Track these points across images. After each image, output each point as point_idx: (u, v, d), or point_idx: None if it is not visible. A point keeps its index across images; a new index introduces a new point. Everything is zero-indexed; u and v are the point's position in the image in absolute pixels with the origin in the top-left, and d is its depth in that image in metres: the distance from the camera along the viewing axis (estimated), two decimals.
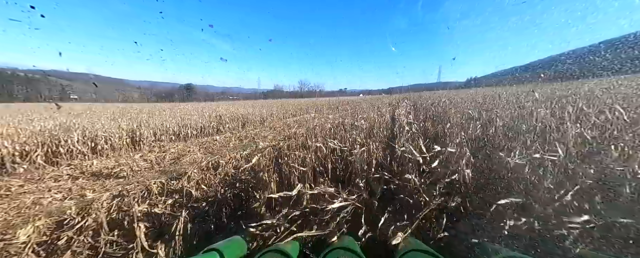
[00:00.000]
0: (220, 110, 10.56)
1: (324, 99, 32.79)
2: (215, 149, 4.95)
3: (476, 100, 5.05)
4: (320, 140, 3.11)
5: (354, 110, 10.07)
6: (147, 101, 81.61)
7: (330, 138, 3.21)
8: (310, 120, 8.67)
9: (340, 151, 2.65)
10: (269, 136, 6.61)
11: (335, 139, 3.20)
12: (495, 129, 2.29)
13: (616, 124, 1.87)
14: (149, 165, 3.69)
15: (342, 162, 2.48)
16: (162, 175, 3.22)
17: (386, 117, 4.88)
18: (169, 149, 4.54)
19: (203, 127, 7.00)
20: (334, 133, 3.43)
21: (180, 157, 4.22)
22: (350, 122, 4.23)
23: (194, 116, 8.21)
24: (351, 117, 5.25)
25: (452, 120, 2.99)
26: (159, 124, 6.07)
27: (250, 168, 3.24)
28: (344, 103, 24.10)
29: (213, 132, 7.24)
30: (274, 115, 11.13)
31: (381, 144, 3.09)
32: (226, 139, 6.06)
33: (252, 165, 2.54)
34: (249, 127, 8.56)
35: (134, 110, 11.34)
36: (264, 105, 16.04)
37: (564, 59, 54.93)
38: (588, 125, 1.90)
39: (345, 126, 4.29)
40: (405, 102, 8.23)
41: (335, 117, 9.53)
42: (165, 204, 1.95)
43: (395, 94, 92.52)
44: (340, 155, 2.64)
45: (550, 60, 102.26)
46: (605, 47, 28.41)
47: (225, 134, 6.93)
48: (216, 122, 7.87)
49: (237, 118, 8.80)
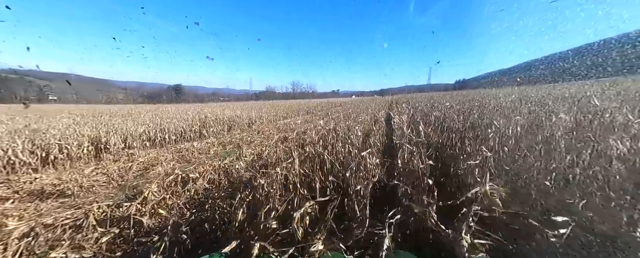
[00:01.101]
0: (206, 113, 9.95)
1: (317, 100, 32.40)
2: (193, 157, 4.42)
3: (483, 104, 4.73)
4: (309, 150, 2.68)
5: (347, 113, 9.71)
6: (133, 102, 78.61)
7: (320, 146, 2.78)
8: (300, 124, 8.23)
9: (330, 164, 2.23)
10: (255, 141, 6.12)
11: (326, 149, 2.78)
12: (516, 140, 1.93)
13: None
14: (107, 179, 3.13)
15: (334, 180, 2.05)
16: (118, 193, 2.70)
17: (382, 123, 4.50)
18: (137, 158, 3.98)
19: (183, 131, 6.42)
20: (325, 142, 3.00)
21: (149, 168, 3.68)
22: (343, 128, 3.83)
23: (176, 119, 7.60)
24: (343, 121, 4.86)
25: (468, 130, 2.63)
26: (133, 128, 5.46)
27: (227, 183, 2.78)
28: (337, 105, 23.79)
29: (195, 137, 6.67)
30: (264, 118, 10.61)
31: (378, 155, 2.69)
32: (208, 145, 5.52)
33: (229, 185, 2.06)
34: (236, 131, 8.02)
35: (111, 112, 10.53)
36: (255, 107, 15.47)
37: (537, 65, 56.68)
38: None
39: (337, 131, 3.88)
40: (404, 106, 7.62)
41: (327, 121, 9.12)
42: (98, 243, 1.46)
43: (387, 95, 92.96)
44: (331, 169, 2.22)
45: (526, 65, 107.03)
46: (573, 54, 30.05)
47: (208, 139, 6.37)
48: (199, 125, 7.29)
49: (223, 121, 8.23)
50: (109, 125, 5.59)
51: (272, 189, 1.72)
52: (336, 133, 3.37)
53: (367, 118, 5.59)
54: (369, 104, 15.27)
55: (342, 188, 1.94)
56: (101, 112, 11.47)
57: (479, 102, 5.54)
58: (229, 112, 9.58)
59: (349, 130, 3.32)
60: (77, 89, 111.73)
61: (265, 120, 10.53)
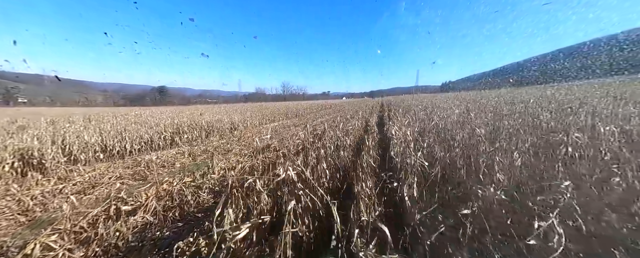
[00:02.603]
0: (184, 117, 9.07)
1: (307, 102, 31.78)
2: (152, 172, 3.67)
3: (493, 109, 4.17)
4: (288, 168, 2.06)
5: (335, 116, 9.14)
6: (114, 105, 74.76)
7: (302, 163, 2.16)
8: (287, 128, 7.58)
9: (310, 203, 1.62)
10: (234, 149, 5.41)
11: (309, 166, 2.17)
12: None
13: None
14: (18, 208, 2.36)
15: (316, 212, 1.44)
16: (25, 231, 1.95)
17: (374, 131, 3.94)
18: (74, 178, 3.19)
19: (150, 139, 5.60)
20: (307, 155, 2.39)
21: (88, 190, 2.91)
22: (332, 137, 3.23)
23: (147, 124, 6.73)
24: (331, 127, 4.26)
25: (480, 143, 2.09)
26: (88, 137, 4.61)
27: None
28: (327, 106, 23.26)
29: (165, 145, 5.86)
30: (248, 121, 9.84)
31: (373, 176, 2.11)
32: (175, 156, 4.76)
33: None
34: (214, 138, 7.25)
35: (77, 116, 9.40)
36: (239, 109, 14.63)
37: (529, 66, 60.04)
38: None
39: (324, 139, 3.27)
40: (401, 113, 6.12)
41: (316, 124, 8.52)
42: None
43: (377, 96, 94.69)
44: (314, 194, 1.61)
45: (517, 66, 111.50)
46: (564, 57, 31.76)
47: (180, 148, 5.59)
48: (172, 132, 6.48)
49: (200, 126, 7.43)
50: (57, 134, 4.70)
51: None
52: (322, 144, 2.76)
53: (358, 123, 5.03)
54: (360, 106, 14.86)
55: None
56: (69, 115, 10.29)
57: (495, 107, 4.86)
58: (208, 116, 8.76)
59: (337, 149, 2.71)
60: (52, 91, 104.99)
61: (250, 125, 9.78)
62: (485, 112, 3.92)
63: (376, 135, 3.67)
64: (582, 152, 1.77)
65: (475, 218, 1.17)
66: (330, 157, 2.37)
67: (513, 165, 1.64)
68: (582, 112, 3.09)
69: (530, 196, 1.33)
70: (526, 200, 1.27)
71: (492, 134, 2.36)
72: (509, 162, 1.67)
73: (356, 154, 2.86)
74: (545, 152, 1.90)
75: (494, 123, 2.88)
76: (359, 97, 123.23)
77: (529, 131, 2.39)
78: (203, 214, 2.26)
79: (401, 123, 3.23)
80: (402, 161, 1.97)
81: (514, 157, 1.71)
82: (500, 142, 2.01)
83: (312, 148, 2.72)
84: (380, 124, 5.71)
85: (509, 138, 2.16)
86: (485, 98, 8.27)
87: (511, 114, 3.52)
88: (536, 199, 1.23)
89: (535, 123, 2.81)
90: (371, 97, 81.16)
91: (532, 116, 3.23)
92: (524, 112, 3.68)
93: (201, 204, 2.45)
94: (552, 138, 2.09)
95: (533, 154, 1.85)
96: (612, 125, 2.09)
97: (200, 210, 2.34)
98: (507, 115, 3.45)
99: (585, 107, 3.66)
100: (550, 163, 1.62)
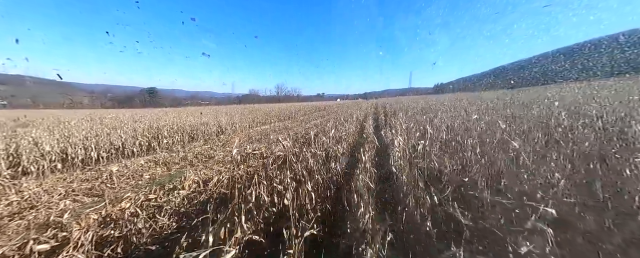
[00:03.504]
0: (168, 119, 8.47)
1: (301, 104, 31.31)
2: (113, 186, 3.14)
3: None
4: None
5: (328, 119, 8.72)
6: (101, 106, 72.17)
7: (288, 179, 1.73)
8: (278, 131, 7.12)
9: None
10: (217, 156, 4.90)
11: (292, 183, 1.73)
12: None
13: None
14: None
15: None
16: None
17: (371, 138, 3.53)
18: (10, 195, 2.64)
19: (122, 145, 5.02)
20: (291, 168, 1.95)
21: (24, 211, 2.37)
22: (323, 143, 2.79)
23: (123, 128, 6.13)
24: (323, 131, 3.83)
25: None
26: (47, 144, 4.02)
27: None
28: (321, 108, 22.83)
29: (140, 152, 5.29)
30: (237, 124, 9.30)
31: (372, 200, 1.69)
32: (147, 165, 4.22)
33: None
34: (198, 142, 6.70)
35: (50, 119, 8.64)
36: (229, 111, 14.03)
37: (530, 67, 60.26)
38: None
39: (315, 145, 2.84)
40: (402, 120, 4.59)
41: (309, 127, 8.09)
42: None
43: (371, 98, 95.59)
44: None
45: (518, 67, 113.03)
46: (565, 59, 32.32)
47: (156, 155, 5.05)
48: (150, 136, 5.91)
49: (183, 130, 6.87)
50: (10, 140, 4.09)
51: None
52: (312, 154, 2.32)
53: (352, 127, 4.62)
54: (354, 110, 14.52)
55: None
56: (41, 117, 9.49)
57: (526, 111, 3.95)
58: (192, 119, 8.19)
59: (328, 160, 2.28)
60: (34, 92, 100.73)
61: (239, 128, 9.24)
62: (516, 118, 3.22)
63: (373, 143, 3.26)
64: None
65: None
66: (319, 173, 1.94)
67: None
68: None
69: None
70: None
71: (538, 151, 1.81)
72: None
73: (351, 165, 2.45)
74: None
75: (534, 132, 2.28)
76: (353, 98, 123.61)
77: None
78: (157, 247, 1.78)
79: (401, 129, 2.82)
80: (409, 183, 1.55)
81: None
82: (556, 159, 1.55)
83: (299, 159, 2.27)
84: (376, 128, 5.31)
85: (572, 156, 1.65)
86: (488, 100, 7.96)
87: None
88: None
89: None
90: (365, 99, 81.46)
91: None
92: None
93: (158, 232, 1.97)
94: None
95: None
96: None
97: (155, 240, 1.86)
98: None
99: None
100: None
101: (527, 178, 1.36)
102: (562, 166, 1.49)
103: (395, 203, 1.93)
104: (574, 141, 1.98)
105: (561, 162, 1.57)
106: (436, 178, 1.56)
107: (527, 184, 1.28)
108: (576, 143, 1.86)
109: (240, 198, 1.67)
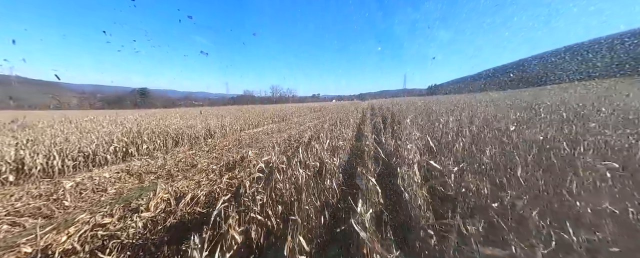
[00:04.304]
0: (151, 122, 7.92)
1: (296, 104, 30.84)
2: (66, 205, 2.64)
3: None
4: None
5: (324, 121, 8.31)
6: (90, 107, 70.06)
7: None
8: (270, 134, 6.67)
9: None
10: (200, 164, 4.43)
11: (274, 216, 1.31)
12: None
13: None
14: None
15: None
16: None
17: (371, 148, 3.13)
18: None
19: (94, 152, 4.49)
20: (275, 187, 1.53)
21: None
22: (316, 153, 2.38)
23: (96, 132, 5.58)
24: (317, 135, 3.42)
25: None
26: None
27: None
28: (316, 109, 22.41)
29: (115, 160, 4.76)
30: (227, 127, 8.79)
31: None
32: (119, 175, 3.72)
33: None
34: (183, 147, 6.19)
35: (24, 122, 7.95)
36: (222, 113, 13.48)
37: (532, 65, 60.51)
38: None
39: (308, 153, 2.42)
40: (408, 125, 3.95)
41: (303, 130, 7.67)
42: None
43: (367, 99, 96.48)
44: None
45: (519, 65, 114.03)
46: (570, 57, 32.58)
47: (130, 163, 4.54)
48: (128, 141, 5.38)
49: (167, 133, 6.35)
50: None
51: None
52: (305, 165, 1.90)
53: (350, 132, 4.22)
54: (351, 112, 14.16)
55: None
56: (11, 119, 8.76)
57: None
58: (176, 121, 7.66)
59: (322, 177, 1.87)
60: (19, 93, 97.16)
61: (229, 131, 8.73)
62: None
63: (374, 155, 2.85)
64: None
65: None
66: (312, 195, 1.52)
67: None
68: None
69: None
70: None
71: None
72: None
73: (347, 182, 2.04)
74: None
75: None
76: (349, 99, 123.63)
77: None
78: None
79: (410, 140, 2.43)
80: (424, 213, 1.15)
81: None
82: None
83: (288, 176, 1.85)
84: (377, 135, 4.91)
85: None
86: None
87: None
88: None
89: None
90: (361, 100, 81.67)
91: None
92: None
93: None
94: None
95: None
96: None
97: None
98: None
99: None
100: None
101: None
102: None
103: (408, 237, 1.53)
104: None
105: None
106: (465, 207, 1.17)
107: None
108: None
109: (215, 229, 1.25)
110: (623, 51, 55.51)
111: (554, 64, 73.48)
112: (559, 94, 9.22)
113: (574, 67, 57.00)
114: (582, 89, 13.75)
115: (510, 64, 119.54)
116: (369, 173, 1.82)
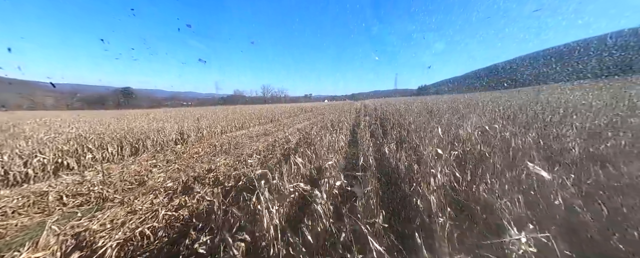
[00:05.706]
0: (111, 123, 6.75)
1: (287, 105, 29.81)
2: None
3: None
4: None
5: (315, 123, 7.39)
6: (67, 108, 66.00)
7: None
8: (254, 138, 5.67)
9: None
10: (151, 181, 3.41)
11: None
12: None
13: None
14: None
15: None
16: None
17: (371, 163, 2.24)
18: None
19: (27, 163, 3.38)
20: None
21: None
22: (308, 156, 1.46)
23: (34, 136, 4.43)
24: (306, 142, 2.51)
25: None
26: None
27: None
28: (307, 110, 21.48)
29: (42, 176, 3.65)
30: (205, 130, 7.71)
31: None
32: (22, 201, 2.66)
33: None
34: (142, 156, 5.11)
35: None
36: (205, 114, 12.32)
37: (522, 70, 64.07)
38: None
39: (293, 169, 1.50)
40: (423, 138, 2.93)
41: (290, 133, 6.71)
42: None
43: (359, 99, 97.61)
44: None
45: (493, 69, 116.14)
46: (555, 61, 33.81)
47: (58, 180, 3.47)
48: (66, 150, 4.27)
49: (124, 138, 5.25)
50: None
51: None
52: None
53: (344, 138, 3.34)
54: (344, 113, 13.32)
55: None
56: None
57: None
58: (138, 123, 6.54)
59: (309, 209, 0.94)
60: None
61: (207, 134, 7.65)
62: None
63: (377, 173, 1.98)
64: None
65: None
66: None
67: None
68: None
69: None
70: None
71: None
72: None
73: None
74: None
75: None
76: (341, 99, 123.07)
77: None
78: None
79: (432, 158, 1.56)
80: None
81: None
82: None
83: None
84: (376, 145, 4.01)
85: None
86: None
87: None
88: None
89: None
90: (353, 100, 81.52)
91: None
92: None
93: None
94: None
95: None
96: None
97: None
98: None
99: None
100: None
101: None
102: None
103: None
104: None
105: None
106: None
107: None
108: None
109: None
110: (607, 53, 58.26)
111: (542, 65, 76.15)
112: (566, 94, 8.75)
113: (561, 69, 59.19)
114: (577, 90, 13.55)
115: (501, 64, 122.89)
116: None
